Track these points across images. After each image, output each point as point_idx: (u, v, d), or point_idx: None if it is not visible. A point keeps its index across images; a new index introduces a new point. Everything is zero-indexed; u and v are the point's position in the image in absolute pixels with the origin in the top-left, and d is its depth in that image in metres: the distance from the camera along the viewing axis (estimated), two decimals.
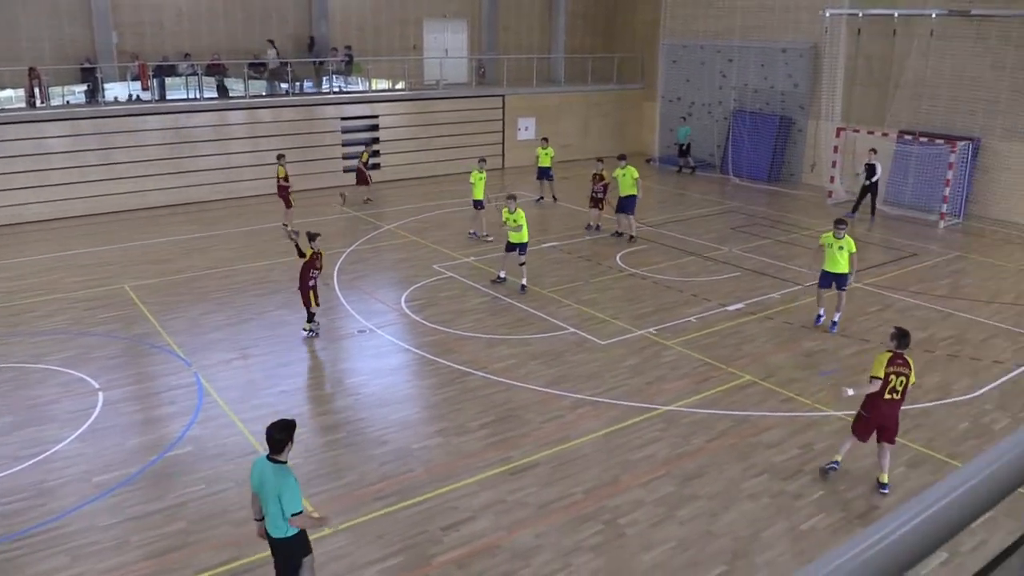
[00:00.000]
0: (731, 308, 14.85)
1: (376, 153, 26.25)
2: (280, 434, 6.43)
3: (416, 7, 29.59)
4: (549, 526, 8.36)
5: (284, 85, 25.36)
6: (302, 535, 6.61)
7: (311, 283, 12.89)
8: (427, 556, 7.88)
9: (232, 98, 24.38)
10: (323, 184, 25.02)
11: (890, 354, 8.77)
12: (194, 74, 24.05)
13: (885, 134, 23.16)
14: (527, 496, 8.89)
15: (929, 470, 9.55)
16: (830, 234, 13.56)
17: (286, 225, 18.70)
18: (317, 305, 13.09)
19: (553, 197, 23.37)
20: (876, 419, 8.91)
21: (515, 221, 15.29)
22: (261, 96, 24.94)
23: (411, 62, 28.97)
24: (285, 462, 6.45)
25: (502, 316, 14.34)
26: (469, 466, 9.48)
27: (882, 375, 8.67)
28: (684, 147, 28.12)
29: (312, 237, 12.92)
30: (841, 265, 13.42)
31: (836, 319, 13.70)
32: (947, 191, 21.33)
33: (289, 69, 25.29)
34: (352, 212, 22.18)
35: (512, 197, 15.73)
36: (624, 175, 18.79)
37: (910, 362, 8.81)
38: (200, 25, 25.65)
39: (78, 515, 8.45)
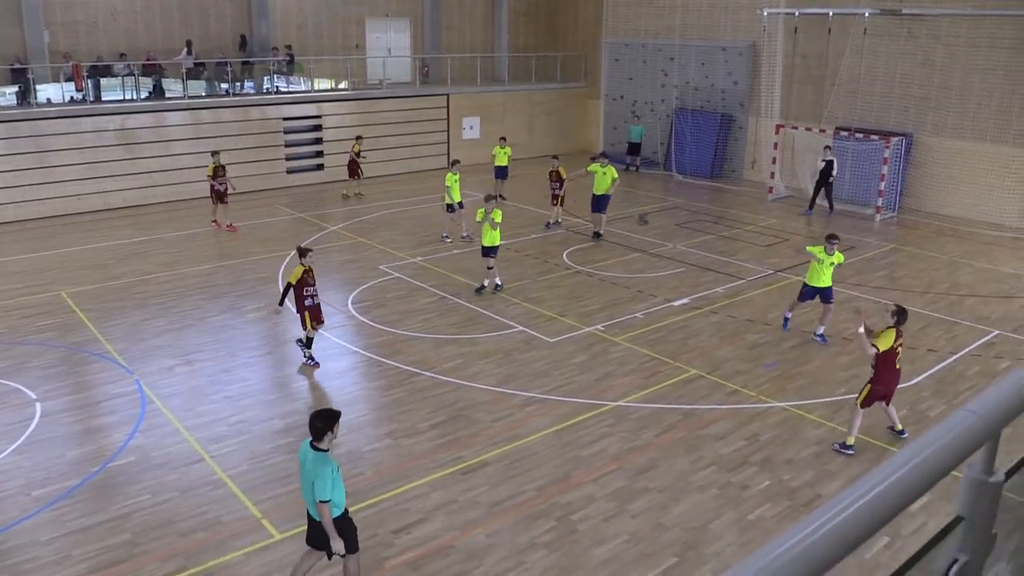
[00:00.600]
0: (677, 303, 15.05)
1: (320, 154, 26.01)
2: (320, 422, 6.70)
3: (358, 6, 29.34)
4: (501, 525, 8.38)
5: (224, 85, 24.92)
6: (342, 523, 6.84)
7: (307, 302, 11.79)
8: (379, 559, 7.83)
9: (170, 99, 23.86)
10: (267, 186, 24.70)
11: (894, 330, 9.68)
12: (130, 74, 23.47)
13: (823, 130, 23.71)
14: (479, 495, 8.89)
15: (870, 457, 9.81)
16: (821, 248, 12.98)
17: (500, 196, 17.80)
18: (315, 327, 11.95)
19: (501, 195, 23.35)
20: (892, 385, 9.88)
21: (493, 219, 14.87)
22: (200, 97, 24.45)
23: (354, 61, 28.72)
24: (326, 450, 6.72)
25: (450, 316, 14.32)
26: (420, 467, 9.45)
27: (890, 347, 9.60)
28: (637, 145, 28.30)
29: (303, 253, 11.88)
30: (826, 279, 12.96)
31: (822, 331, 13.25)
32: (882, 185, 21.93)
33: (229, 69, 24.87)
34: (297, 214, 21.93)
35: (492, 198, 15.37)
36: (605, 173, 18.57)
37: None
38: (136, 24, 25.07)
39: (18, 530, 8.20)
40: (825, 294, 13.11)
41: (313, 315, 11.91)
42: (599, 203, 18.94)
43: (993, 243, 19.84)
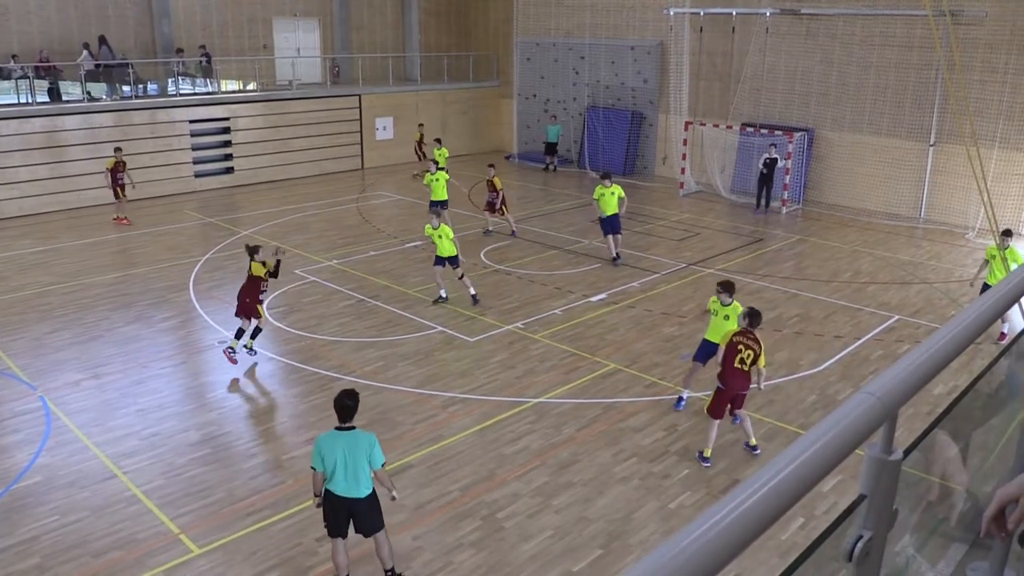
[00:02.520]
0: (594, 299, 15.26)
1: (229, 157, 25.41)
2: (351, 401, 7.12)
3: (264, 6, 28.74)
4: (427, 526, 8.36)
5: (127, 88, 24.05)
6: (376, 496, 7.26)
7: (261, 297, 12.27)
8: (304, 569, 7.72)
9: (68, 102, 22.89)
10: (174, 190, 23.98)
11: (740, 328, 9.44)
12: (24, 77, 22.42)
13: (729, 127, 24.37)
14: (404, 498, 8.84)
15: (782, 442, 10.15)
16: (715, 301, 10.49)
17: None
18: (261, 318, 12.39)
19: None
20: (730, 390, 9.43)
21: (439, 236, 14.38)
22: (101, 100, 23.53)
23: (262, 62, 28.12)
24: (355, 427, 7.12)
25: (368, 319, 14.18)
26: None
27: (727, 341, 9.36)
28: (553, 145, 28.48)
29: (254, 251, 12.22)
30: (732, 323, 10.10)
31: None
32: (787, 179, 22.67)
33: (131, 71, 24.02)
34: (206, 219, 21.35)
35: (437, 213, 14.93)
36: (612, 194, 16.99)
37: (760, 342, 9.42)
38: (29, 24, 23.97)
39: None
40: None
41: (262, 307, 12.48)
42: (612, 224, 17.24)
43: (891, 232, 20.76)
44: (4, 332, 13.43)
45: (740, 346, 9.30)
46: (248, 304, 12.15)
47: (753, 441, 9.85)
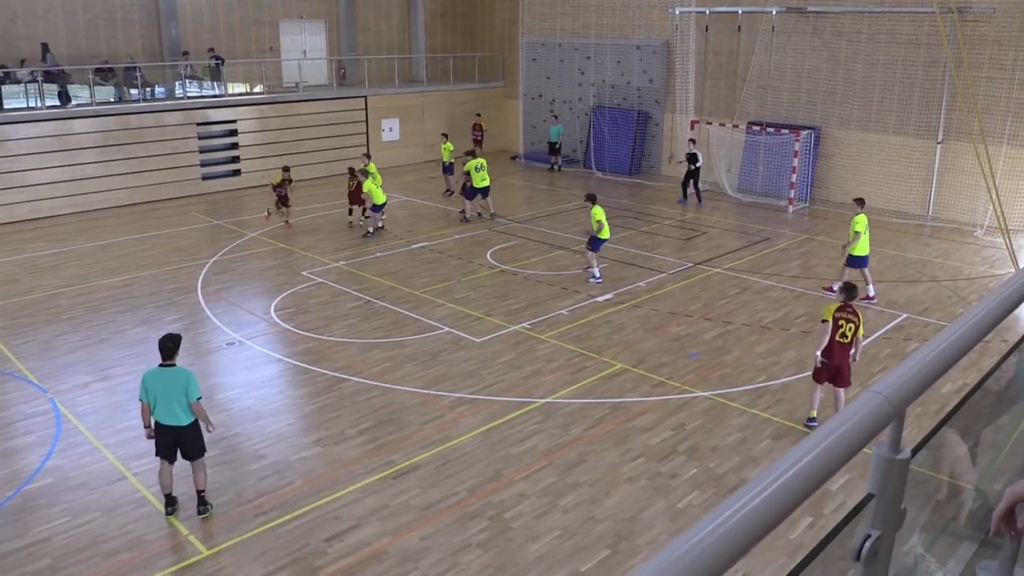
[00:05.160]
0: (601, 299, 15.25)
1: (236, 159, 25.49)
2: (172, 343, 8.27)
3: (270, 8, 28.81)
4: (435, 527, 8.37)
5: (135, 91, 24.12)
6: (199, 426, 8.35)
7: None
8: (313, 569, 7.73)
9: (77, 106, 22.97)
10: (182, 193, 24.05)
11: (839, 304, 10.14)
12: (33, 81, 22.49)
13: (736, 126, 24.33)
14: (411, 499, 8.86)
15: (791, 441, 10.12)
16: None
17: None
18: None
19: (449, 190, 24.48)
20: (833, 361, 10.14)
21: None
22: (109, 103, 23.60)
23: (268, 64, 28.18)
24: (176, 365, 8.25)
25: (375, 320, 14.20)
26: (350, 473, 9.37)
27: (830, 318, 10.06)
28: (556, 145, 28.49)
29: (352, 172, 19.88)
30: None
31: None
32: (794, 178, 22.62)
33: (139, 74, 24.09)
34: (214, 221, 21.41)
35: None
36: (478, 169, 20.71)
37: (859, 313, 10.21)
38: (36, 28, 24.05)
39: None
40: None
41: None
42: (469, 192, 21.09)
43: (898, 230, 20.69)
44: (14, 335, 13.50)
45: (841, 321, 10.04)
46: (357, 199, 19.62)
47: None
